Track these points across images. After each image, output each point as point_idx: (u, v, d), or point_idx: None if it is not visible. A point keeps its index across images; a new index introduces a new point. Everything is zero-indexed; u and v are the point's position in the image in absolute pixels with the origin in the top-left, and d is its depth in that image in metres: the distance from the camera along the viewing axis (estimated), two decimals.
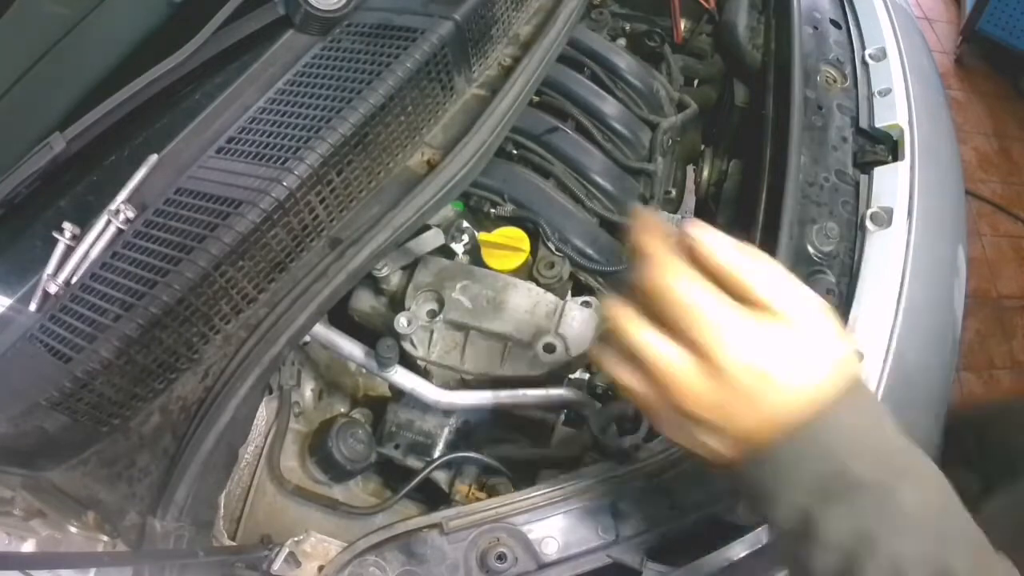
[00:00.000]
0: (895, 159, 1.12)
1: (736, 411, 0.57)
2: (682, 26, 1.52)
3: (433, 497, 1.02)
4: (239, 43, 1.06)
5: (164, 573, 0.76)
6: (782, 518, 0.57)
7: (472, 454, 1.00)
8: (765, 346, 0.56)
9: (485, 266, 1.09)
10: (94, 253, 0.90)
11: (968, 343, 2.58)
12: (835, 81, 1.22)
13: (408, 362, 1.02)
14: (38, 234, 0.98)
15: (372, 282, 1.07)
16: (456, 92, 1.11)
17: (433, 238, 1.08)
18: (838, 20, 1.33)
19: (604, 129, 1.28)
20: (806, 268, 1.02)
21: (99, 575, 0.73)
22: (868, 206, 1.06)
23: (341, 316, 1.10)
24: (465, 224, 1.09)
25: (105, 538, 0.80)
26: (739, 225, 1.21)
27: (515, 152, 1.19)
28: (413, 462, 1.01)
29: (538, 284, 1.07)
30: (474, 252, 1.10)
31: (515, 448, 1.03)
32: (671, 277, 0.57)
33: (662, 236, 0.59)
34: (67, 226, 0.92)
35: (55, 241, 0.93)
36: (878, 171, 1.10)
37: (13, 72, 1.00)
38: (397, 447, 1.03)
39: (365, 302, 1.10)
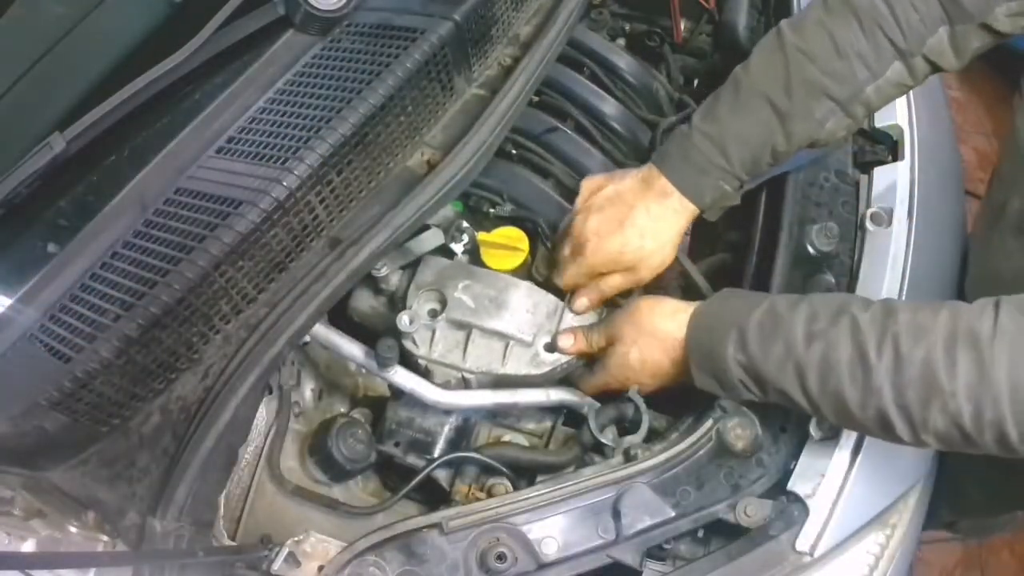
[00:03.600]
0: (895, 159, 1.12)
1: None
2: (682, 26, 1.52)
3: (433, 497, 1.02)
4: (239, 43, 1.06)
5: (164, 573, 0.76)
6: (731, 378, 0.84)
7: (472, 454, 1.00)
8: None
9: (484, 266, 1.09)
10: None
11: None
12: None
13: (408, 361, 1.02)
14: (38, 234, 0.98)
15: (372, 282, 1.07)
16: (456, 92, 1.11)
17: (433, 238, 1.08)
18: None
19: (604, 129, 1.27)
20: (806, 268, 1.02)
21: (99, 575, 0.73)
22: (868, 206, 1.06)
23: (341, 316, 1.10)
24: (465, 224, 1.09)
25: (105, 538, 0.80)
26: (739, 225, 1.21)
27: (515, 152, 1.19)
28: (413, 460, 1.01)
29: (537, 284, 1.07)
30: (473, 252, 1.10)
31: (515, 448, 1.03)
32: None
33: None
34: None
35: (55, 242, 0.93)
36: (878, 171, 1.10)
37: (13, 72, 1.00)
38: (397, 445, 1.03)
39: (365, 302, 1.10)
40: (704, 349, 0.87)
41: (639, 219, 0.97)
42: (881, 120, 1.15)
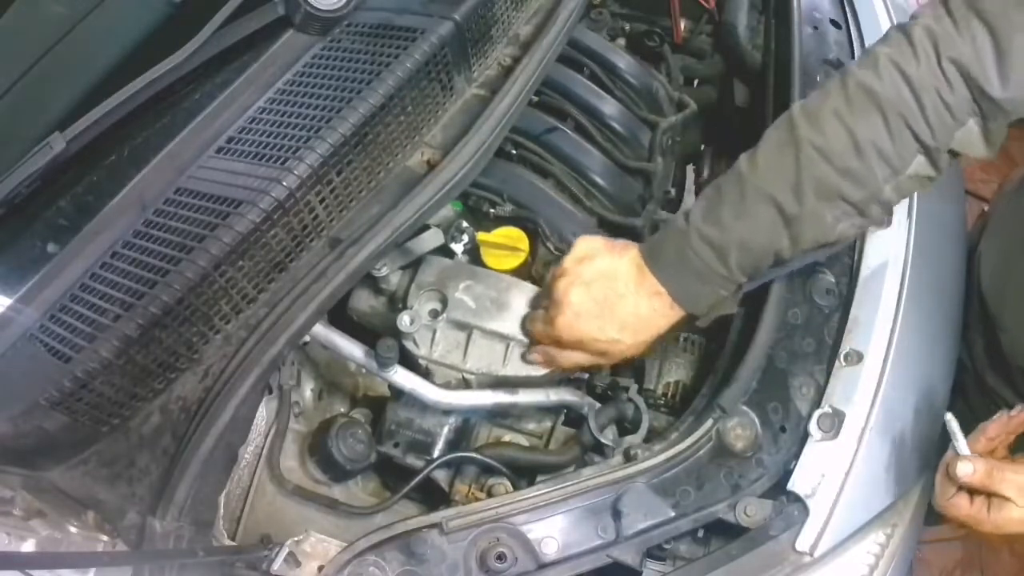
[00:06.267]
0: None
1: None
2: (682, 26, 1.52)
3: (433, 497, 1.02)
4: (239, 43, 1.06)
5: (164, 573, 0.76)
6: None
7: (472, 454, 1.00)
8: None
9: (484, 266, 1.09)
10: None
11: None
12: None
13: (408, 361, 1.02)
14: (38, 234, 0.98)
15: (372, 282, 1.07)
16: (456, 92, 1.11)
17: (432, 238, 1.08)
18: (838, 20, 1.33)
19: (603, 129, 1.27)
20: (806, 268, 1.02)
21: (99, 575, 0.73)
22: None
23: (341, 316, 1.10)
24: (465, 224, 1.09)
25: (105, 538, 0.80)
26: None
27: (514, 152, 1.19)
28: (413, 460, 1.01)
29: (537, 284, 1.07)
30: (473, 252, 1.10)
31: (515, 448, 1.03)
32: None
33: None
34: None
35: (55, 242, 0.93)
36: None
37: (13, 72, 1.00)
38: (397, 445, 1.03)
39: (364, 302, 1.10)
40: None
41: (623, 311, 0.88)
42: None
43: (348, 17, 1.09)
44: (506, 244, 1.10)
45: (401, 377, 0.99)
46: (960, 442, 0.80)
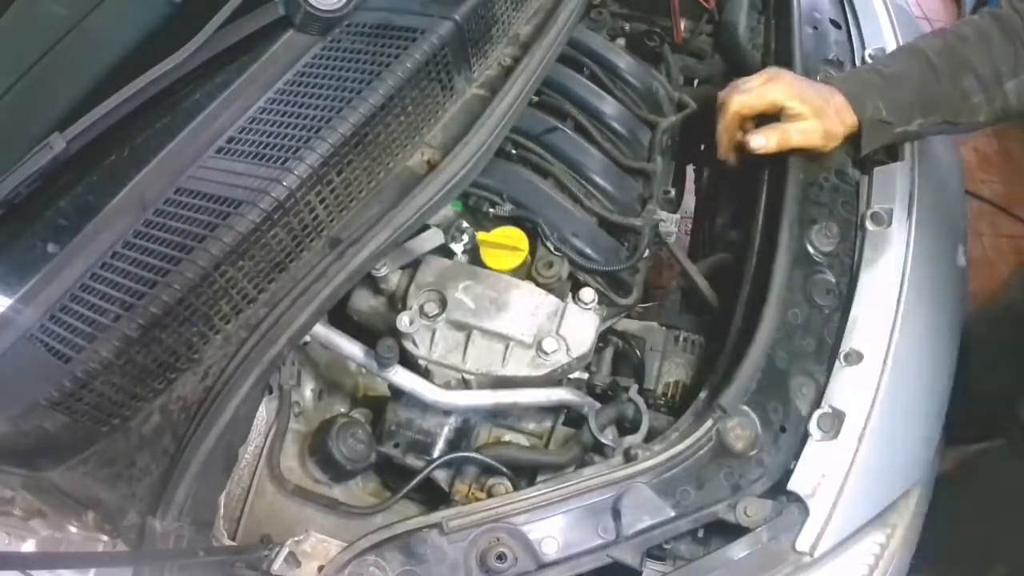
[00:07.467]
0: (895, 159, 1.12)
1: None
2: (682, 26, 1.52)
3: (433, 497, 1.02)
4: (239, 43, 1.06)
5: (164, 573, 0.76)
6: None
7: (472, 454, 1.00)
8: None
9: (484, 266, 1.09)
10: None
11: None
12: None
13: (408, 361, 1.02)
14: (38, 234, 0.98)
15: (371, 282, 1.07)
16: (456, 92, 1.11)
17: (432, 238, 1.08)
18: (838, 20, 1.33)
19: (603, 129, 1.27)
20: (806, 268, 1.02)
21: (99, 575, 0.73)
22: (868, 206, 1.06)
23: (341, 316, 1.10)
24: (465, 224, 1.09)
25: (105, 538, 0.80)
26: (739, 225, 1.21)
27: (514, 152, 1.19)
28: (413, 460, 1.01)
29: (537, 284, 1.07)
30: (473, 252, 1.10)
31: (515, 448, 1.03)
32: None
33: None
34: None
35: (55, 242, 0.93)
36: (878, 171, 1.10)
37: (13, 72, 1.00)
38: (397, 446, 1.03)
39: (365, 302, 1.10)
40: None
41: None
42: None
43: (348, 17, 1.09)
44: (506, 244, 1.10)
45: (401, 377, 0.99)
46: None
